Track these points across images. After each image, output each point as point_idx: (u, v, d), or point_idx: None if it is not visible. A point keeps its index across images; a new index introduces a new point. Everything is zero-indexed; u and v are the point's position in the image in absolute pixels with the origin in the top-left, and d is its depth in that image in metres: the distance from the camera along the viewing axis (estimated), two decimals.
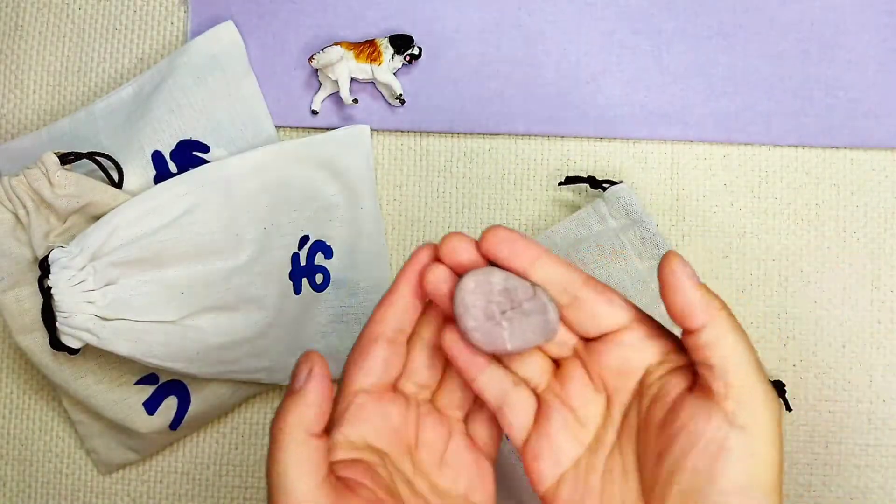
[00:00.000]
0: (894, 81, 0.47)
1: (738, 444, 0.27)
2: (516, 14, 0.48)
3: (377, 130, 0.49)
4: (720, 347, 0.28)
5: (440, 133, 0.49)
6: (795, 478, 0.47)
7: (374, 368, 0.31)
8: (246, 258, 0.44)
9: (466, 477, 0.32)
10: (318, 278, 0.48)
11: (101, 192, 0.43)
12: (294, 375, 0.29)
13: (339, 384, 0.32)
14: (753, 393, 0.28)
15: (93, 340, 0.41)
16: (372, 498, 0.29)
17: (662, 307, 0.44)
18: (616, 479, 0.30)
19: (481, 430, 0.33)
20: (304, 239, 0.47)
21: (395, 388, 0.32)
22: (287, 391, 0.29)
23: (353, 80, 0.47)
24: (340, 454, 0.30)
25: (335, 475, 0.29)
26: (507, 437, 0.33)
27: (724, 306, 0.29)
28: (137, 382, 0.46)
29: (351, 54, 0.46)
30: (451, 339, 0.30)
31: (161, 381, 0.46)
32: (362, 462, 0.30)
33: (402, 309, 0.32)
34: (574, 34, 0.48)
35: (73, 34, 0.49)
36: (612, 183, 0.45)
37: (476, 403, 0.33)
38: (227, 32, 0.47)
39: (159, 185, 0.43)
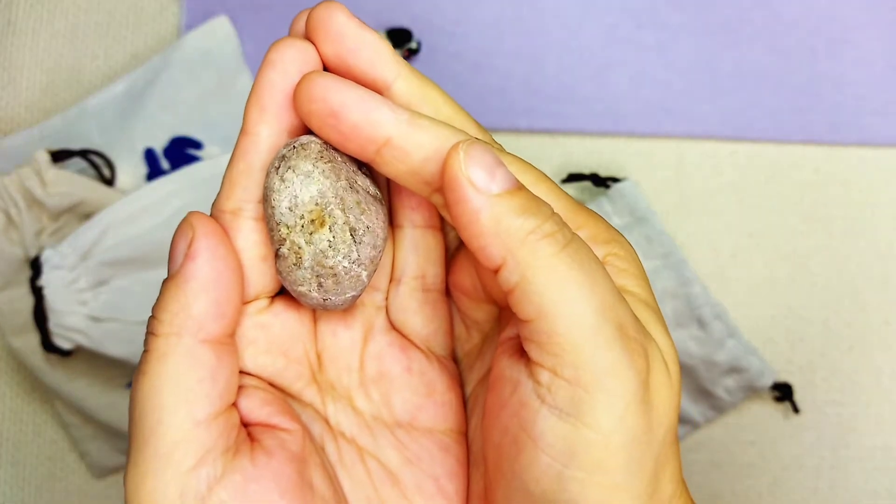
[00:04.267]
0: None
1: (552, 436, 0.18)
2: (517, 8, 0.47)
3: None
4: (529, 295, 0.18)
5: None
6: (802, 481, 0.46)
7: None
8: None
9: (408, 392, 0.22)
10: None
11: (93, 190, 0.43)
12: (171, 254, 0.19)
13: None
14: (586, 365, 0.18)
15: (85, 342, 0.41)
16: (286, 461, 0.19)
17: (668, 306, 0.44)
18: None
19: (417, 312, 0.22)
20: None
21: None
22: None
23: None
24: None
25: (242, 417, 0.20)
26: None
27: (541, 228, 0.18)
28: (130, 385, 0.45)
29: None
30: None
31: None
32: (260, 391, 0.20)
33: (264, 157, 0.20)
34: (577, 28, 0.47)
35: (66, 31, 0.49)
36: (616, 180, 0.45)
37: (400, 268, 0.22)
38: (221, 27, 0.46)
39: (152, 183, 0.43)
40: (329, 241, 0.19)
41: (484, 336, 0.23)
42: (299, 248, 0.19)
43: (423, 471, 0.22)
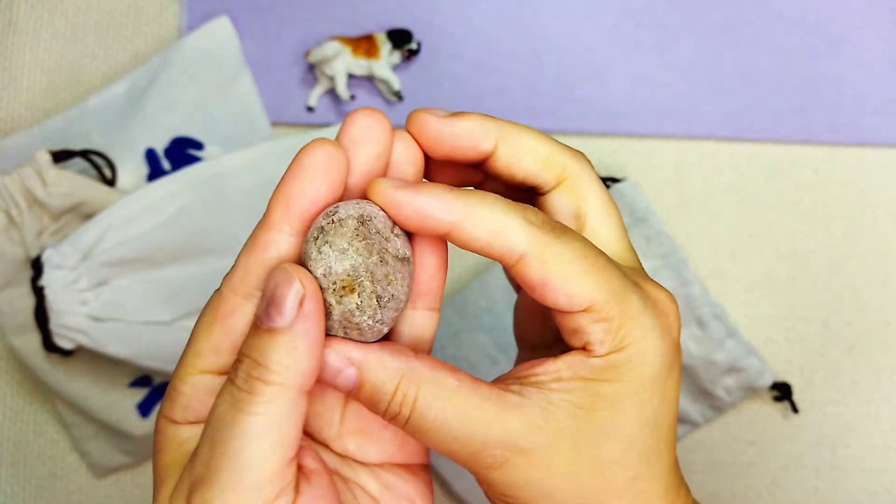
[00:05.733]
0: None
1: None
2: (517, 8, 0.47)
3: None
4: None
5: None
6: (802, 482, 0.46)
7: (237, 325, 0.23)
8: None
9: (383, 444, 0.25)
10: None
11: (94, 190, 0.43)
12: (273, 300, 0.21)
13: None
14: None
15: (86, 341, 0.41)
16: (326, 486, 0.23)
17: None
18: None
19: None
20: None
21: None
22: (261, 322, 0.21)
23: (350, 75, 0.46)
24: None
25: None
26: None
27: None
28: (131, 385, 0.45)
29: (348, 49, 0.46)
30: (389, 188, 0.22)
31: (155, 384, 0.46)
32: None
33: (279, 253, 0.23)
34: (577, 28, 0.47)
35: (67, 31, 0.49)
36: (616, 180, 0.45)
37: None
38: (221, 27, 0.46)
39: (153, 183, 0.43)
40: (357, 304, 0.21)
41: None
42: (330, 304, 0.21)
43: (399, 494, 0.25)
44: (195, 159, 0.45)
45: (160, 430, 0.24)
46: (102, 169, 0.44)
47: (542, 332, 0.27)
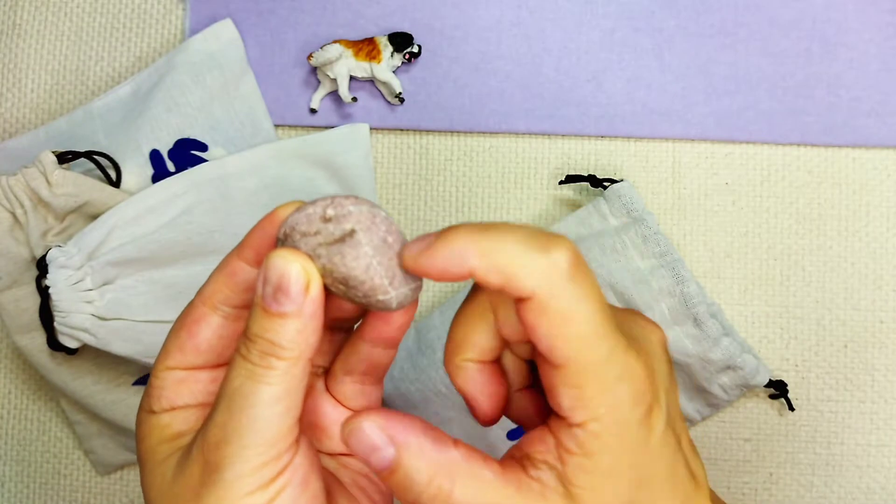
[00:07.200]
0: None
1: None
2: (516, 12, 0.48)
3: (376, 129, 0.48)
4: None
5: (440, 132, 0.48)
6: (797, 478, 0.47)
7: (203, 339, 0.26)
8: None
9: (336, 440, 0.28)
10: None
11: (98, 191, 0.43)
12: (281, 287, 0.23)
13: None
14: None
15: (91, 340, 0.41)
16: (309, 443, 0.26)
17: (664, 305, 0.44)
18: None
19: (350, 389, 0.28)
20: None
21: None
22: (269, 306, 0.23)
23: (352, 78, 0.47)
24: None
25: None
26: None
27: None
28: (135, 383, 0.46)
29: (350, 52, 0.46)
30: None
31: None
32: None
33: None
34: (575, 32, 0.48)
35: (71, 33, 0.49)
36: (613, 181, 0.45)
37: (341, 361, 0.28)
38: (225, 30, 0.47)
39: (157, 184, 0.43)
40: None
41: None
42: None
43: (355, 470, 0.28)
44: (199, 160, 0.46)
45: (141, 422, 0.26)
46: (107, 170, 0.44)
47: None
